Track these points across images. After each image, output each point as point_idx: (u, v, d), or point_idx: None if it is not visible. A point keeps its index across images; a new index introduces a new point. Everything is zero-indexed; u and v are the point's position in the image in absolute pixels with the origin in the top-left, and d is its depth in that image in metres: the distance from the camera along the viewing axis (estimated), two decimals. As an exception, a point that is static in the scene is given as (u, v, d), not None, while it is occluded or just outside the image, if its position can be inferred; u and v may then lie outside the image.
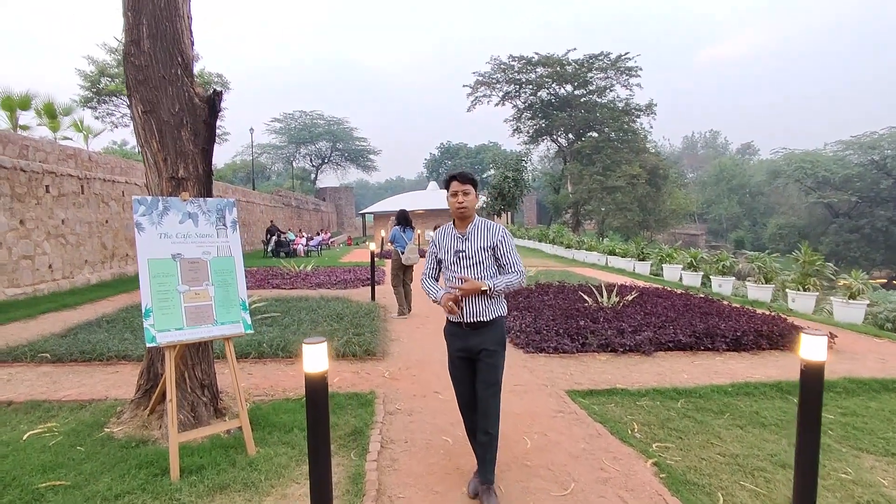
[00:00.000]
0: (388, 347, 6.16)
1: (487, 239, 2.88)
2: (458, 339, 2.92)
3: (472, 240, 2.88)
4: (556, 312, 7.35)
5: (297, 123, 61.81)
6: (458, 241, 2.90)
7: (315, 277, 12.35)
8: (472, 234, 2.89)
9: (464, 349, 2.91)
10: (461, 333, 2.90)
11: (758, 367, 5.58)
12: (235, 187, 24.06)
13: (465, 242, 2.89)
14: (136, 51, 3.58)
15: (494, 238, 2.88)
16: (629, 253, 15.93)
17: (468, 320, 2.85)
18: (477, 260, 2.86)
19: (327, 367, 2.39)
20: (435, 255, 3.04)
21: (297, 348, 5.64)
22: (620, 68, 37.62)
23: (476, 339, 2.86)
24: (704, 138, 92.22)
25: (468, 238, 2.89)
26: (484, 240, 2.88)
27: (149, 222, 3.43)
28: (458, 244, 2.90)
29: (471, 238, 2.89)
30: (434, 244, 3.05)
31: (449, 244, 2.94)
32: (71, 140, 15.46)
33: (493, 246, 2.87)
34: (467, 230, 2.90)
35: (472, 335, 2.87)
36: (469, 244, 2.88)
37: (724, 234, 61.09)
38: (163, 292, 3.37)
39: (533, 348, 5.97)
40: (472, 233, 2.90)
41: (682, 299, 8.47)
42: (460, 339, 2.91)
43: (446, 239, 2.97)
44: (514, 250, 2.94)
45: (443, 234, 3.01)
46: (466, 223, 2.92)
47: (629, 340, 6.05)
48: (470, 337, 2.87)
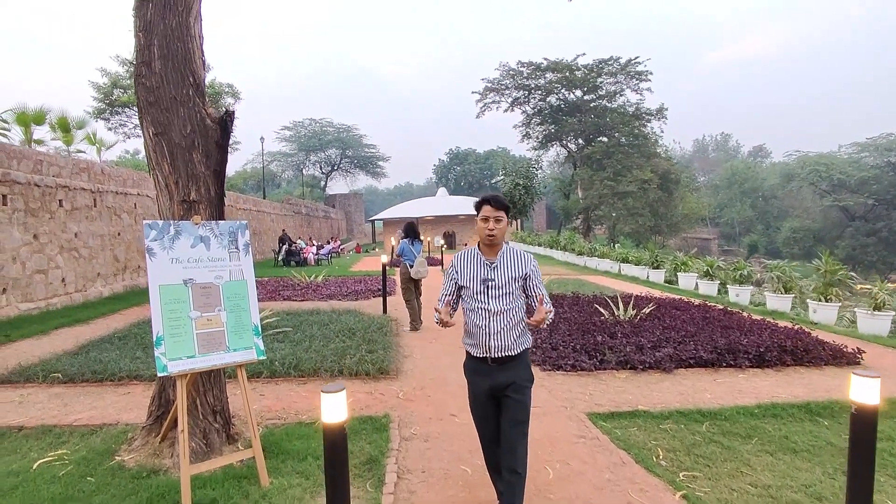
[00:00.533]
0: (402, 365, 6.05)
1: (519, 268, 2.71)
2: (484, 377, 2.71)
3: (502, 268, 2.70)
4: (571, 326, 7.21)
5: (307, 131, 62.21)
6: (487, 269, 2.71)
7: (326, 288, 12.30)
8: (502, 262, 2.71)
9: (489, 388, 2.70)
10: (486, 370, 2.69)
11: (783, 386, 5.40)
12: (246, 196, 24.17)
13: (495, 270, 2.69)
14: (147, 72, 3.53)
15: (526, 268, 2.72)
16: (643, 261, 15.71)
17: (495, 355, 2.64)
18: (507, 290, 2.68)
19: (347, 417, 2.26)
20: (455, 280, 2.80)
21: (310, 367, 5.55)
22: (630, 73, 37.43)
23: (504, 376, 2.66)
24: (715, 141, 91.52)
25: (497, 266, 2.70)
26: (515, 269, 2.70)
27: (160, 247, 3.36)
28: (487, 272, 2.70)
29: (500, 266, 2.70)
30: (454, 269, 2.82)
31: (475, 271, 2.73)
32: (84, 153, 15.63)
33: (524, 276, 2.71)
34: (497, 257, 2.72)
35: (499, 371, 2.67)
36: (498, 273, 2.69)
37: (737, 238, 60.42)
38: (174, 319, 3.30)
39: (550, 366, 5.84)
40: (502, 260, 2.72)
41: (701, 311, 8.29)
42: (486, 376, 2.70)
43: (472, 265, 2.76)
44: (542, 281, 2.79)
45: (467, 259, 2.79)
46: (496, 250, 2.74)
47: (649, 357, 5.89)
48: (496, 373, 2.67)
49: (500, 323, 2.64)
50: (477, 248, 2.80)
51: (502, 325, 2.64)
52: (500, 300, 2.66)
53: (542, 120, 41.03)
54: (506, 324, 2.65)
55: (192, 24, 3.72)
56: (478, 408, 2.81)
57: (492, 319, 2.64)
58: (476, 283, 2.71)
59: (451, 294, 2.82)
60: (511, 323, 2.66)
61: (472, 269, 2.74)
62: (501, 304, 2.66)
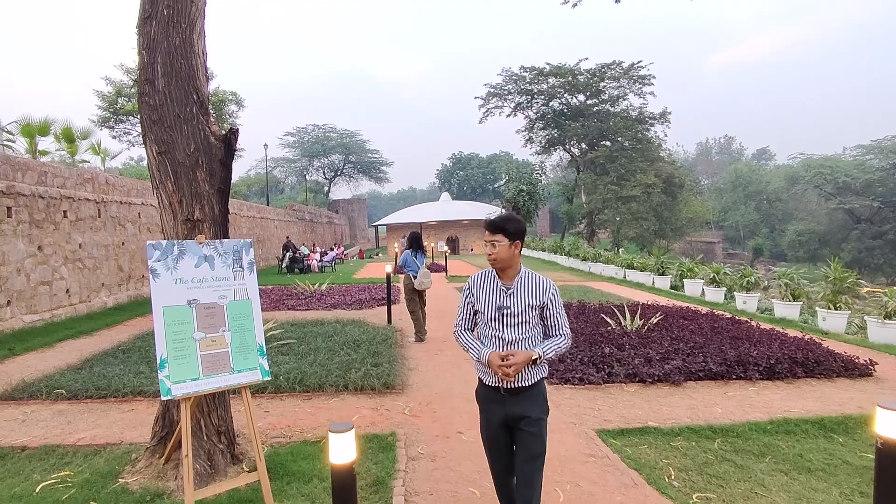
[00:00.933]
0: (408, 378, 5.99)
1: (537, 295, 2.52)
2: (496, 406, 2.54)
3: (519, 294, 2.52)
4: (578, 338, 7.13)
5: (311, 137, 62.42)
6: (502, 295, 2.53)
7: (330, 297, 12.25)
8: (519, 288, 2.53)
9: (502, 418, 2.53)
10: (499, 399, 2.52)
11: (795, 399, 5.31)
12: (251, 203, 24.21)
13: (511, 297, 2.51)
14: (150, 90, 3.50)
15: (545, 295, 2.52)
16: (648, 267, 15.62)
17: (508, 385, 2.47)
18: (524, 318, 2.50)
19: (356, 457, 2.20)
20: (471, 304, 2.64)
21: (315, 382, 5.50)
22: (633, 77, 37.40)
23: (517, 407, 2.49)
24: (719, 144, 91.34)
25: (514, 292, 2.52)
26: (533, 296, 2.51)
27: (164, 268, 3.32)
28: (502, 298, 2.52)
29: (517, 292, 2.52)
30: (470, 291, 2.66)
31: (490, 296, 2.56)
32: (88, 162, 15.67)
33: (542, 304, 2.52)
34: (513, 282, 2.54)
35: (513, 402, 2.50)
36: (514, 300, 2.51)
37: (742, 242, 60.20)
38: (178, 341, 3.25)
39: (558, 379, 5.76)
40: (519, 286, 2.53)
41: (709, 321, 8.20)
42: (498, 405, 2.53)
43: (487, 289, 2.58)
44: (562, 310, 2.59)
45: (482, 282, 2.62)
46: (511, 274, 2.55)
47: (657, 370, 5.81)
48: (509, 404, 2.50)
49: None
50: (495, 270, 2.63)
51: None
52: (516, 329, 2.51)
53: (544, 125, 41.02)
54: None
55: (196, 41, 3.69)
56: (490, 438, 2.63)
57: (506, 349, 2.48)
58: (491, 309, 2.55)
59: (468, 318, 2.67)
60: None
61: (487, 293, 2.58)
62: (517, 334, 2.50)
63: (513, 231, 2.51)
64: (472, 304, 2.65)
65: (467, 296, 2.68)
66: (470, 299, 2.66)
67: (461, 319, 2.69)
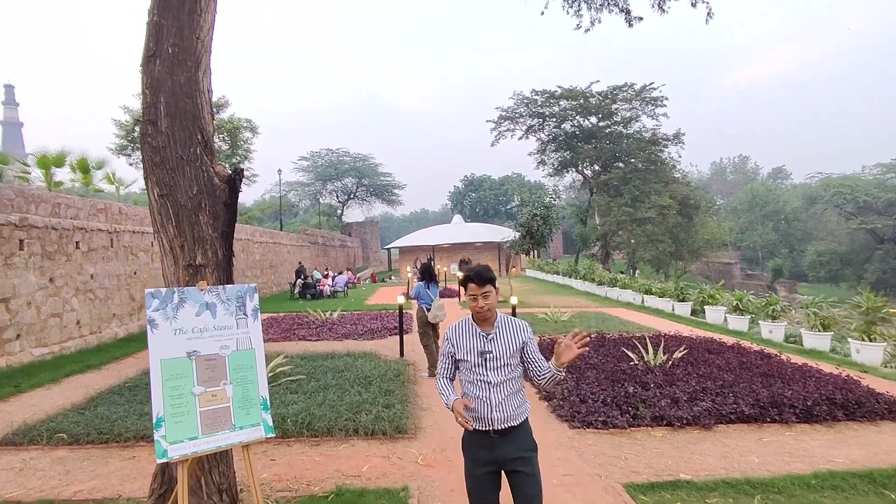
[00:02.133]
0: (421, 420, 5.71)
1: (516, 338, 2.65)
2: (485, 451, 2.59)
3: (499, 338, 2.64)
4: (599, 374, 6.81)
5: (324, 161, 63.07)
6: (483, 341, 2.64)
7: (342, 326, 12.04)
8: (499, 333, 2.65)
9: (493, 461, 2.58)
10: (488, 443, 2.59)
11: (837, 447, 4.93)
12: (263, 229, 24.28)
13: (492, 342, 2.64)
14: (153, 130, 3.37)
15: (523, 335, 2.67)
16: (667, 293, 15.20)
17: (498, 427, 2.55)
18: (506, 360, 2.62)
19: None
20: (452, 354, 2.72)
21: (324, 426, 5.25)
22: (645, 98, 37.29)
23: (508, 448, 2.57)
24: (733, 164, 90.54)
25: (494, 337, 2.64)
26: (513, 339, 2.64)
27: (163, 318, 3.14)
28: (483, 344, 2.64)
29: (497, 337, 2.64)
30: (450, 343, 2.74)
31: (471, 343, 2.66)
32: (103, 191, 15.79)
33: (522, 343, 2.65)
34: (493, 328, 2.66)
35: (503, 443, 2.57)
36: (496, 344, 2.63)
37: (760, 262, 59.08)
38: (176, 397, 3.05)
39: (579, 422, 5.44)
40: (499, 331, 2.66)
41: (737, 354, 7.82)
42: (487, 450, 2.59)
43: (466, 337, 2.68)
44: (537, 347, 2.72)
45: (461, 331, 2.72)
46: (491, 320, 2.68)
47: (686, 412, 5.47)
48: (499, 446, 2.57)
49: (501, 394, 2.59)
50: (471, 318, 2.73)
51: (503, 396, 2.59)
52: (499, 371, 2.61)
53: (557, 147, 40.95)
54: (507, 394, 2.60)
55: (202, 79, 3.57)
56: (476, 486, 2.63)
57: (492, 391, 2.59)
58: (474, 355, 2.64)
59: (449, 368, 2.76)
60: (511, 392, 2.62)
61: (468, 341, 2.68)
62: (501, 376, 2.61)
63: (493, 279, 2.66)
64: (452, 355, 2.73)
65: (448, 348, 2.75)
66: (450, 349, 2.74)
67: (442, 368, 2.78)
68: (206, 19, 3.63)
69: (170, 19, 3.45)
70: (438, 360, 2.85)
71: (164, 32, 3.44)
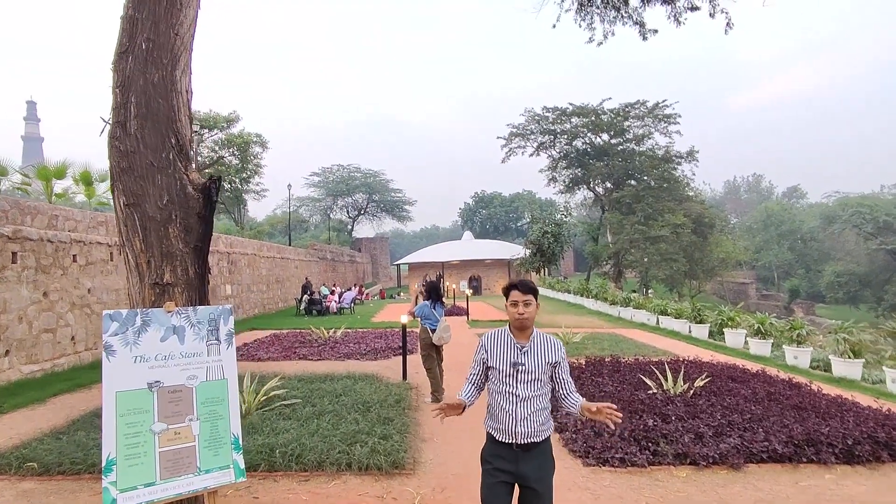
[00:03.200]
0: (420, 453, 5.25)
1: (549, 354, 2.68)
2: (506, 463, 2.60)
3: (533, 352, 2.66)
4: (615, 404, 6.29)
5: (335, 176, 63.36)
6: (518, 352, 2.66)
7: (345, 345, 11.63)
8: (533, 347, 2.67)
9: (513, 473, 2.59)
10: (510, 456, 2.60)
11: (885, 492, 4.41)
12: (270, 244, 24.07)
13: (526, 355, 2.65)
14: (121, 134, 3.04)
15: (557, 354, 2.70)
16: (684, 314, 14.61)
17: (521, 441, 2.57)
18: (537, 375, 2.63)
19: None
20: (484, 361, 2.74)
21: (314, 459, 4.81)
22: (658, 116, 37.01)
23: (530, 464, 2.59)
24: (747, 182, 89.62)
25: (528, 350, 2.66)
26: (546, 355, 2.67)
27: (121, 343, 2.76)
28: (517, 356, 2.65)
29: (531, 350, 2.66)
30: (484, 349, 2.75)
31: (505, 353, 2.68)
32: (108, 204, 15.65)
33: (555, 362, 2.68)
34: (528, 341, 2.68)
35: (524, 458, 2.59)
36: (529, 357, 2.65)
37: (776, 282, 57.90)
38: (132, 435, 2.65)
39: (594, 459, 4.95)
40: (533, 345, 2.68)
41: (763, 384, 7.27)
42: (508, 462, 2.60)
43: (502, 347, 2.70)
44: (568, 369, 2.77)
45: (497, 340, 2.73)
46: (527, 333, 2.69)
47: (711, 449, 4.96)
48: (521, 461, 2.59)
49: (528, 409, 2.60)
50: (508, 329, 2.74)
51: (530, 411, 2.60)
52: (529, 386, 2.63)
53: (568, 164, 40.67)
54: (533, 410, 2.60)
55: (179, 79, 3.25)
56: (490, 495, 2.62)
57: (519, 405, 2.60)
58: (506, 365, 2.66)
59: (480, 375, 2.77)
60: (538, 409, 2.62)
61: (502, 350, 2.70)
62: (530, 390, 2.62)
63: (537, 292, 2.72)
64: (484, 362, 2.74)
65: (481, 354, 2.76)
66: (483, 357, 2.74)
67: (471, 375, 2.79)
68: (187, 14, 3.33)
69: (145, 13, 3.14)
70: (469, 366, 2.82)
71: (139, 27, 3.13)
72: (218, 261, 16.74)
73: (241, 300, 18.54)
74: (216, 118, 25.93)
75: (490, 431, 2.70)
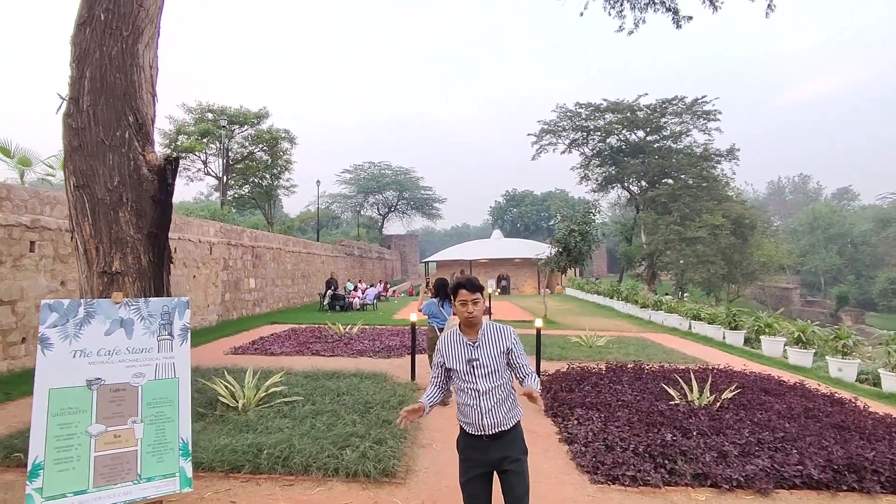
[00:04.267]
0: (415, 461, 4.92)
1: (500, 343, 2.79)
2: (478, 453, 2.76)
3: (485, 345, 2.78)
4: (632, 414, 5.83)
5: (367, 174, 63.76)
6: (470, 349, 2.78)
7: (359, 342, 11.43)
8: (484, 340, 2.79)
9: (485, 463, 2.74)
10: (481, 446, 2.75)
11: (940, 531, 3.82)
12: (296, 239, 24.21)
13: (478, 349, 2.77)
14: (74, 110, 2.81)
15: (507, 341, 2.79)
16: (718, 319, 13.81)
17: (489, 432, 2.70)
18: (493, 368, 2.75)
19: None
20: (442, 364, 2.85)
21: (302, 462, 4.55)
22: (697, 112, 35.60)
23: (498, 451, 2.72)
24: (793, 183, 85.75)
25: (479, 345, 2.78)
26: (497, 344, 2.78)
27: (60, 335, 2.54)
28: (470, 352, 2.78)
29: (482, 344, 2.78)
30: (440, 353, 2.87)
31: (459, 353, 2.80)
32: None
33: (507, 350, 2.78)
34: (478, 336, 2.80)
35: (494, 446, 2.73)
36: (481, 351, 2.77)
37: (822, 289, 55.12)
38: (64, 437, 2.42)
39: (602, 476, 4.52)
40: (483, 338, 2.79)
41: (800, 399, 6.63)
42: (480, 451, 2.75)
43: (456, 347, 2.82)
44: (524, 352, 2.86)
45: (451, 342, 2.85)
46: (476, 328, 2.82)
47: (736, 471, 4.45)
48: (491, 449, 2.73)
49: (491, 401, 2.70)
50: (458, 329, 2.85)
51: (492, 403, 2.70)
52: (487, 379, 2.73)
53: (601, 162, 39.61)
54: (496, 401, 2.71)
55: (142, 53, 3.01)
56: (469, 485, 2.78)
57: (481, 399, 2.70)
58: (461, 363, 2.77)
59: (441, 377, 2.88)
60: (500, 399, 2.72)
61: (456, 350, 2.81)
62: (489, 383, 2.72)
63: (483, 290, 2.83)
64: (442, 365, 2.85)
65: (438, 358, 2.87)
66: (440, 361, 2.86)
67: (433, 378, 2.92)
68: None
69: (105, -20, 2.91)
70: (431, 370, 2.97)
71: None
72: (242, 254, 16.85)
73: (264, 294, 18.65)
74: (246, 114, 26.25)
75: (461, 425, 2.81)
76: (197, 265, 13.70)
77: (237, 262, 16.44)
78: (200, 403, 6.26)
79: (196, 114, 25.86)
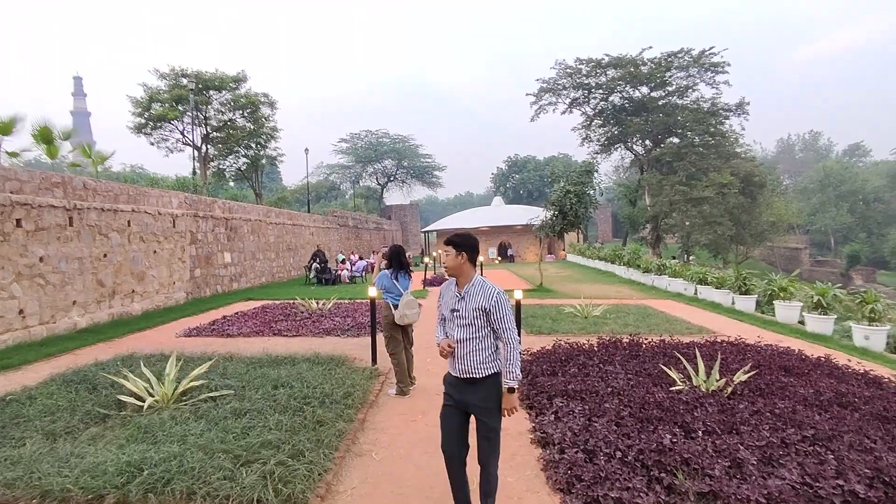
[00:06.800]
0: (341, 478, 3.85)
1: (479, 301, 2.88)
2: (455, 391, 2.97)
3: (468, 299, 2.91)
4: (622, 406, 4.73)
5: (364, 143, 61.94)
6: (456, 300, 2.97)
7: (330, 319, 10.38)
8: (469, 294, 2.92)
9: (458, 402, 2.95)
10: (458, 385, 2.96)
11: None
12: (279, 210, 22.99)
13: (461, 301, 2.94)
14: None
15: (488, 301, 2.87)
16: (726, 283, 12.64)
17: (462, 375, 2.91)
18: (470, 320, 2.90)
19: None
20: (440, 307, 3.11)
21: (184, 488, 3.48)
22: (704, 65, 33.57)
23: (470, 395, 2.91)
24: (803, 140, 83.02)
25: (464, 297, 2.93)
26: (476, 301, 2.89)
27: None
28: (456, 302, 2.96)
29: (467, 297, 2.92)
30: (440, 297, 3.12)
31: (448, 301, 3.03)
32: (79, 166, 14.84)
33: (486, 309, 2.87)
34: (464, 289, 2.95)
35: (469, 390, 2.91)
36: (464, 304, 2.92)
37: (832, 248, 53.64)
38: None
39: (579, 497, 3.43)
40: (469, 292, 2.93)
41: (828, 379, 5.51)
42: (456, 391, 2.96)
43: (448, 295, 3.05)
44: (507, 315, 2.89)
45: (447, 289, 3.08)
46: (463, 282, 2.98)
47: (755, 490, 3.35)
48: (465, 391, 2.92)
49: (464, 350, 2.90)
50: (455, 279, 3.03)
51: (465, 351, 2.90)
52: (464, 329, 2.91)
53: (603, 121, 37.80)
54: (468, 351, 2.89)
55: None
56: (446, 417, 2.99)
57: (457, 345, 2.92)
58: (447, 310, 3.03)
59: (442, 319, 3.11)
60: (473, 350, 2.89)
61: (447, 298, 3.05)
62: (465, 333, 2.91)
63: (459, 244, 2.98)
64: (440, 307, 3.12)
65: (439, 300, 3.14)
66: (439, 303, 3.14)
67: (439, 316, 3.17)
68: None
69: None
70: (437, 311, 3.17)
71: None
72: (213, 227, 15.72)
73: (243, 269, 17.59)
74: (223, 78, 24.62)
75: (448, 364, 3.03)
76: (157, 239, 12.60)
77: (207, 235, 15.32)
78: (105, 403, 5.24)
79: (170, 79, 24.28)
